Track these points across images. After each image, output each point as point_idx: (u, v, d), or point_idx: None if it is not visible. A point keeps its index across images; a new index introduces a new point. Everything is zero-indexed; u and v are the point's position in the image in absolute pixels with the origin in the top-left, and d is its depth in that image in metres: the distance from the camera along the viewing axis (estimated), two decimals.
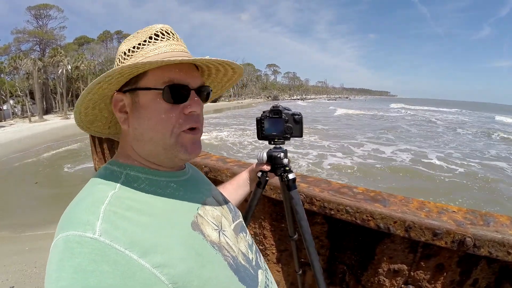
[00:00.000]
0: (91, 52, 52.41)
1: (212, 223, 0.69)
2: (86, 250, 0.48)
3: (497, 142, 19.47)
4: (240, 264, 0.69)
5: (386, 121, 31.59)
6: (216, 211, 0.75)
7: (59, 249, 0.50)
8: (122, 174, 0.64)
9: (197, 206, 0.70)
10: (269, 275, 0.83)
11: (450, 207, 1.32)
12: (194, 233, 0.62)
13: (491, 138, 21.61)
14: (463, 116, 47.75)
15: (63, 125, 25.95)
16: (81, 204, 0.57)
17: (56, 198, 7.25)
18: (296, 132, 1.06)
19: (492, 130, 26.31)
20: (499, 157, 14.23)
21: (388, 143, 16.67)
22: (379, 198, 1.42)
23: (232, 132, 19.84)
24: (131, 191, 0.61)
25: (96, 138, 6.67)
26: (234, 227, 0.79)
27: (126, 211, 0.55)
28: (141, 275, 0.49)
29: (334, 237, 1.64)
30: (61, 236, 0.51)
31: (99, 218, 0.52)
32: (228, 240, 0.71)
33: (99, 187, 0.60)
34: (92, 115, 0.74)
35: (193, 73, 0.68)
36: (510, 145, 17.87)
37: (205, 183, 0.85)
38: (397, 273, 1.41)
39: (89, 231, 0.49)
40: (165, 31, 0.69)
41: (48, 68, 38.10)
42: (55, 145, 16.39)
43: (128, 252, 0.49)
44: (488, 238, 1.12)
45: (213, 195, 0.81)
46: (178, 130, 0.65)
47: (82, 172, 9.91)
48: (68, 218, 0.54)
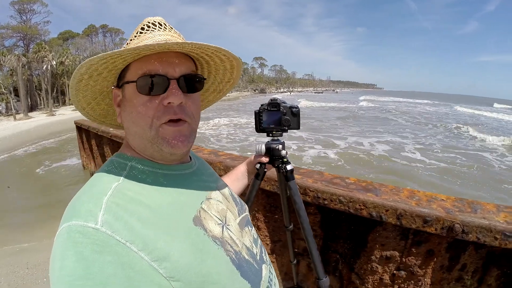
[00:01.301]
0: (76, 47, 51.17)
1: (215, 217, 0.69)
2: (88, 240, 0.48)
3: (426, 128, 21.00)
4: (243, 259, 0.69)
5: (339, 111, 32.12)
6: (221, 205, 0.75)
7: (63, 239, 0.50)
8: (127, 166, 0.64)
9: (201, 200, 0.69)
10: (272, 269, 0.82)
11: (439, 196, 1.36)
12: (195, 228, 0.62)
13: (421, 123, 23.55)
14: (425, 106, 49.65)
15: (49, 122, 25.39)
16: (85, 195, 0.57)
17: (45, 196, 7.14)
18: (294, 125, 1.09)
19: (430, 118, 28.82)
20: (404, 137, 16.18)
21: (315, 133, 17.13)
22: (371, 187, 1.46)
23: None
24: (135, 183, 0.61)
25: (84, 135, 6.59)
26: (240, 221, 0.79)
27: (128, 203, 0.55)
28: (141, 267, 0.50)
29: (327, 227, 1.68)
30: (65, 226, 0.51)
31: (101, 209, 0.52)
32: (232, 234, 0.71)
33: (104, 179, 0.60)
34: (100, 109, 0.76)
35: (174, 61, 0.64)
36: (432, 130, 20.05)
37: (211, 177, 0.84)
38: (389, 259, 1.46)
39: (91, 221, 0.50)
40: (151, 22, 0.68)
41: (32, 64, 37.12)
42: (43, 143, 16.09)
43: (129, 244, 0.50)
44: (476, 224, 1.17)
45: (219, 189, 0.80)
46: (158, 122, 0.62)
47: (65, 169, 9.75)
48: (72, 209, 0.54)
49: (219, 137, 15.53)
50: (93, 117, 0.78)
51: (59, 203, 6.12)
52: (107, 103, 0.75)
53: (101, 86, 0.68)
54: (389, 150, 12.68)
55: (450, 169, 10.04)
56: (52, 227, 4.81)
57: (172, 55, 0.64)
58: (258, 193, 1.79)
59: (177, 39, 0.68)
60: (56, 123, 24.58)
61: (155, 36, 0.66)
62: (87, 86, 0.66)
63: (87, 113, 0.75)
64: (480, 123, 26.33)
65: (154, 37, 0.66)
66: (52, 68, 36.88)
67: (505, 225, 1.15)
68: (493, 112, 42.88)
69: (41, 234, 4.51)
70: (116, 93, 0.69)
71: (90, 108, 0.74)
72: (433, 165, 10.48)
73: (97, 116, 0.78)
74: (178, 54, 0.65)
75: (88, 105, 0.73)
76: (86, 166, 6.89)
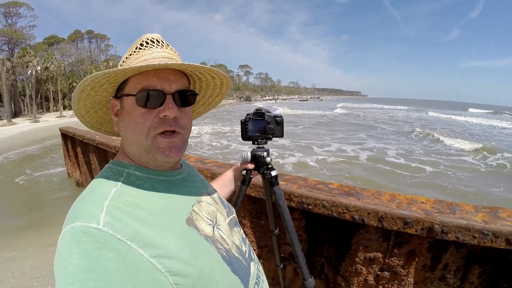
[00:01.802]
0: (61, 52, 50.32)
1: (206, 218, 0.74)
2: (91, 239, 0.52)
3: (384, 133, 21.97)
4: (233, 256, 0.73)
5: (310, 119, 32.72)
6: (211, 206, 0.80)
7: (66, 239, 0.53)
8: (124, 173, 0.69)
9: (193, 203, 0.74)
10: (260, 267, 0.88)
11: (419, 198, 1.41)
12: (188, 228, 0.66)
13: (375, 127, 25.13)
14: (399, 112, 52.30)
15: (33, 129, 24.87)
16: (86, 199, 0.61)
17: (29, 205, 6.98)
18: (278, 133, 1.15)
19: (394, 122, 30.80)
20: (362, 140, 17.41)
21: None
22: (353, 192, 1.50)
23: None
24: (132, 188, 0.65)
25: (69, 142, 6.49)
26: (229, 222, 0.84)
27: (127, 207, 0.59)
28: (141, 263, 0.53)
29: (312, 231, 1.71)
30: (68, 227, 0.54)
31: (103, 211, 0.56)
32: (222, 234, 0.75)
33: (103, 185, 0.65)
34: (97, 117, 0.82)
35: (171, 77, 0.69)
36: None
37: (201, 182, 0.89)
38: (373, 261, 1.49)
39: (94, 222, 0.54)
40: (150, 39, 0.74)
41: (16, 69, 36.42)
42: (26, 150, 15.75)
43: (129, 242, 0.54)
44: (455, 224, 1.22)
45: (209, 193, 0.86)
46: (153, 132, 0.68)
47: (49, 177, 9.58)
48: (74, 212, 0.58)
49: (202, 144, 15.56)
50: (90, 124, 0.83)
51: (43, 211, 6.01)
52: (104, 111, 0.81)
53: (100, 96, 0.74)
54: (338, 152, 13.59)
55: (386, 170, 10.75)
56: (36, 235, 4.71)
57: (169, 72, 0.69)
58: (244, 199, 1.81)
59: (173, 56, 0.75)
60: (40, 129, 24.10)
61: (153, 53, 0.72)
62: (88, 96, 0.72)
63: (85, 120, 0.81)
64: (445, 127, 28.00)
65: (152, 53, 0.72)
66: (36, 73, 36.22)
67: (483, 224, 1.20)
68: (463, 115, 46.42)
69: (26, 242, 4.42)
70: (114, 103, 0.74)
71: (88, 116, 0.80)
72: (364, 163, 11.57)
73: (94, 123, 0.83)
74: (174, 71, 0.71)
75: (87, 113, 0.79)
76: (71, 174, 6.78)
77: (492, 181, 9.67)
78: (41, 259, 3.76)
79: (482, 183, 9.46)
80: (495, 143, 17.85)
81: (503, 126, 32.97)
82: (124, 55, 0.76)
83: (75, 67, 47.68)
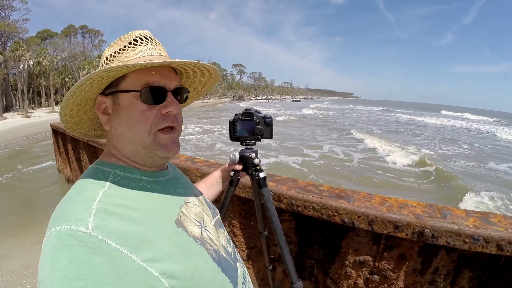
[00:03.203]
0: (54, 47, 49.80)
1: (194, 219, 0.73)
2: (80, 243, 0.49)
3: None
4: (222, 256, 0.73)
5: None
6: (197, 208, 0.79)
7: (52, 242, 0.51)
8: (110, 174, 0.66)
9: (180, 204, 0.73)
10: (245, 268, 0.87)
11: (409, 202, 1.40)
12: (178, 229, 0.65)
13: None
14: (367, 112, 55.86)
15: (25, 124, 24.59)
16: (73, 201, 0.58)
17: (18, 202, 6.89)
18: (267, 134, 1.12)
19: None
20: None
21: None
22: (344, 195, 1.48)
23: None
24: (120, 189, 0.63)
25: (60, 139, 6.42)
26: (215, 223, 0.83)
27: (116, 208, 0.57)
28: (132, 268, 0.51)
29: (302, 233, 1.69)
30: (54, 230, 0.52)
31: (91, 214, 0.53)
32: (210, 235, 0.75)
33: (90, 186, 0.62)
34: (77, 117, 0.78)
35: (170, 75, 0.70)
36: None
37: (186, 183, 0.88)
38: (363, 264, 1.48)
39: (82, 226, 0.51)
40: (143, 36, 0.73)
41: (9, 62, 35.98)
42: (17, 145, 15.57)
43: (119, 247, 0.51)
44: (445, 229, 1.21)
45: (194, 194, 0.85)
46: (155, 129, 0.67)
47: (39, 173, 9.47)
48: (61, 215, 0.55)
49: (188, 143, 15.65)
50: (68, 125, 0.79)
51: (32, 208, 5.97)
52: (85, 110, 0.77)
53: (91, 93, 0.70)
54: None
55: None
56: (26, 233, 4.67)
57: (167, 69, 0.71)
58: (234, 200, 1.79)
59: (165, 54, 0.76)
60: (32, 124, 23.85)
61: (149, 49, 0.72)
62: (81, 92, 0.68)
63: (65, 120, 0.77)
64: (389, 127, 30.29)
65: (148, 50, 0.72)
66: (29, 68, 35.86)
67: (474, 229, 1.19)
68: (426, 116, 49.41)
69: (15, 240, 4.39)
70: (101, 101, 0.71)
71: (70, 115, 0.76)
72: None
73: (72, 124, 0.79)
74: (170, 69, 0.72)
75: (70, 112, 0.75)
76: (62, 170, 6.71)
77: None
78: (30, 257, 3.73)
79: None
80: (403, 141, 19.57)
81: (453, 125, 37.08)
82: (110, 50, 0.74)
83: (68, 62, 47.29)
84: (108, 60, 0.72)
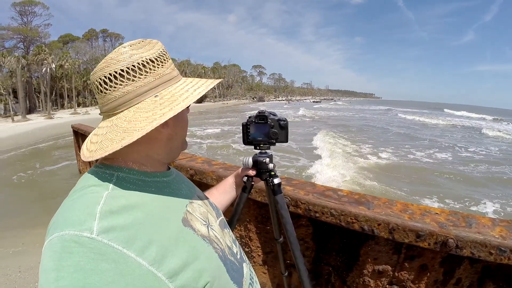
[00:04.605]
0: (76, 51, 51.17)
1: (200, 218, 0.73)
2: (85, 249, 0.48)
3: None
4: (227, 257, 0.73)
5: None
6: (202, 207, 0.78)
7: (56, 249, 0.49)
8: (113, 176, 0.64)
9: (186, 203, 0.72)
10: (251, 268, 0.86)
11: (433, 209, 1.34)
12: (185, 228, 0.64)
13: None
14: (367, 112, 56.07)
15: (47, 125, 25.35)
16: (75, 204, 0.57)
17: (38, 199, 7.09)
18: (282, 138, 1.07)
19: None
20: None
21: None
22: (363, 200, 1.43)
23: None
24: (124, 191, 0.62)
25: (80, 139, 6.57)
26: (219, 223, 0.83)
27: (121, 210, 0.56)
28: (140, 272, 0.50)
29: (319, 239, 1.65)
30: (57, 235, 0.50)
31: (95, 218, 0.52)
32: (216, 234, 0.74)
33: (92, 188, 0.60)
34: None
35: None
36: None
37: (188, 183, 0.88)
38: (382, 273, 1.43)
39: (86, 231, 0.50)
40: (164, 51, 0.70)
41: (32, 66, 37.18)
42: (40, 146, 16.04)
43: (126, 251, 0.50)
44: (470, 239, 1.14)
45: (197, 194, 0.85)
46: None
47: (60, 173, 9.71)
48: (63, 218, 0.54)
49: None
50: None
51: (52, 207, 6.05)
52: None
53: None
54: None
55: None
56: (45, 231, 4.77)
57: None
58: (250, 204, 1.77)
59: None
60: (54, 126, 24.54)
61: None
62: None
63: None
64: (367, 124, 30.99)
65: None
66: (51, 71, 37.03)
67: (500, 239, 1.12)
68: (416, 115, 48.26)
69: (34, 237, 4.49)
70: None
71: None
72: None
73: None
74: None
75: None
76: (82, 170, 6.86)
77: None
78: None
79: None
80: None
81: (434, 123, 36.72)
82: (142, 53, 0.64)
83: (89, 65, 48.43)
84: (144, 67, 0.64)
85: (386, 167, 11.55)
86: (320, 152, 13.82)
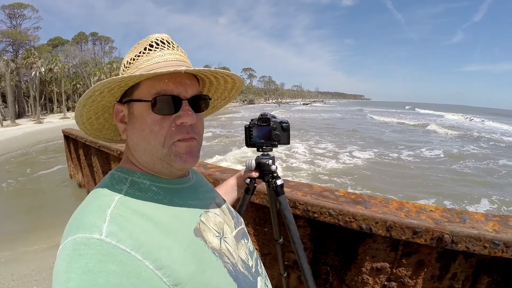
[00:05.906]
0: (65, 54, 50.58)
1: (214, 229, 0.70)
2: (93, 251, 0.49)
3: None
4: (239, 271, 0.69)
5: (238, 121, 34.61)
6: (218, 217, 0.76)
7: (67, 251, 0.50)
8: (127, 180, 0.65)
9: (200, 212, 0.70)
10: (268, 282, 0.83)
11: (428, 207, 1.37)
12: (196, 239, 0.63)
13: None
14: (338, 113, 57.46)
15: (36, 130, 24.96)
16: (88, 208, 0.58)
17: (30, 206, 6.97)
18: (284, 140, 1.08)
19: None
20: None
21: None
22: (360, 200, 1.46)
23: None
24: (137, 196, 0.62)
25: (71, 144, 6.50)
26: (236, 234, 0.80)
27: (131, 215, 0.56)
28: (146, 275, 0.50)
29: (317, 239, 1.67)
30: (70, 239, 0.51)
31: (105, 220, 0.53)
32: (229, 247, 0.71)
33: (106, 192, 0.61)
34: (97, 124, 0.77)
35: (186, 82, 0.66)
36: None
37: (208, 190, 0.85)
38: (380, 271, 1.45)
39: (96, 232, 0.51)
40: (160, 40, 0.69)
41: (21, 70, 36.61)
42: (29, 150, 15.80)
43: (134, 253, 0.51)
44: (465, 234, 1.18)
45: (216, 202, 0.82)
46: (170, 141, 0.64)
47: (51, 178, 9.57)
48: (76, 222, 0.55)
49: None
50: (90, 131, 0.78)
51: (44, 213, 6.02)
52: (105, 117, 0.76)
53: (105, 102, 0.68)
54: None
55: None
56: (37, 238, 4.71)
57: (183, 76, 0.65)
58: (248, 206, 1.78)
59: (184, 58, 0.71)
60: (44, 130, 24.19)
61: (165, 55, 0.67)
62: (93, 102, 0.67)
63: (85, 127, 0.76)
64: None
65: (164, 55, 0.67)
66: (40, 75, 36.44)
67: (494, 233, 1.16)
68: (385, 115, 49.20)
69: (27, 244, 4.43)
70: (118, 109, 0.69)
71: (89, 123, 0.75)
72: None
73: (93, 130, 0.78)
74: (188, 75, 0.67)
75: (88, 120, 0.73)
76: (73, 175, 6.79)
77: None
78: (41, 262, 3.76)
79: None
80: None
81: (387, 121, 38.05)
82: (128, 55, 0.71)
83: (79, 69, 47.94)
84: (125, 67, 0.70)
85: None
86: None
